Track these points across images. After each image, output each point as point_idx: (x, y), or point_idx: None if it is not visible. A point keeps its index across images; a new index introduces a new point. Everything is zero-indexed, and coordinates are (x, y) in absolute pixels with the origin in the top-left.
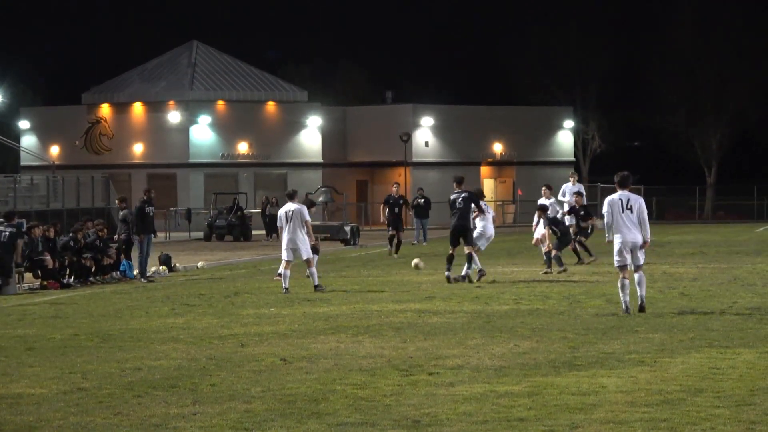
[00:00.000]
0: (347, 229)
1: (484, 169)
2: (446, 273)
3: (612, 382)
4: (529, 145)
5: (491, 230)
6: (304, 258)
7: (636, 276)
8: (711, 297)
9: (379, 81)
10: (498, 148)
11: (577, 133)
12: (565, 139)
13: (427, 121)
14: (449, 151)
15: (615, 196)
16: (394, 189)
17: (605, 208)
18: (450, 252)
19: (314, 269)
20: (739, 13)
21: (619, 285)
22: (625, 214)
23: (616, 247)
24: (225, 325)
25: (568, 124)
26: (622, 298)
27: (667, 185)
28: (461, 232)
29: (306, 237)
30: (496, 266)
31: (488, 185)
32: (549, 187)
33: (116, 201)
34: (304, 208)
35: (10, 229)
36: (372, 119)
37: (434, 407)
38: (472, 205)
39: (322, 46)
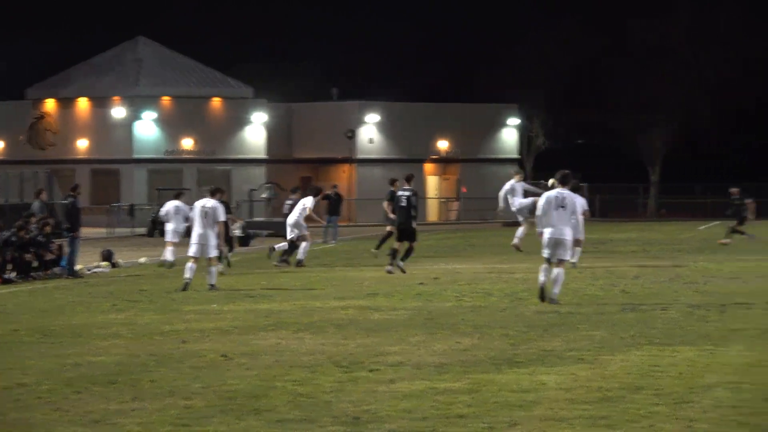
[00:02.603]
0: None
1: (429, 166)
2: (388, 268)
3: (552, 379)
4: (474, 143)
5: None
6: (210, 255)
7: (554, 271)
8: (652, 295)
9: (326, 78)
10: (443, 145)
11: (521, 131)
12: (509, 137)
13: (372, 118)
14: (394, 148)
15: (553, 192)
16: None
17: (540, 202)
18: (394, 247)
19: (215, 269)
20: (687, 12)
21: (540, 268)
22: (558, 211)
23: (544, 241)
24: (166, 322)
25: (513, 121)
26: (539, 279)
27: (611, 183)
28: (408, 229)
29: (215, 235)
30: (439, 263)
31: (432, 182)
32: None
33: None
34: (221, 207)
35: None
36: (317, 116)
37: (374, 404)
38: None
39: (269, 42)
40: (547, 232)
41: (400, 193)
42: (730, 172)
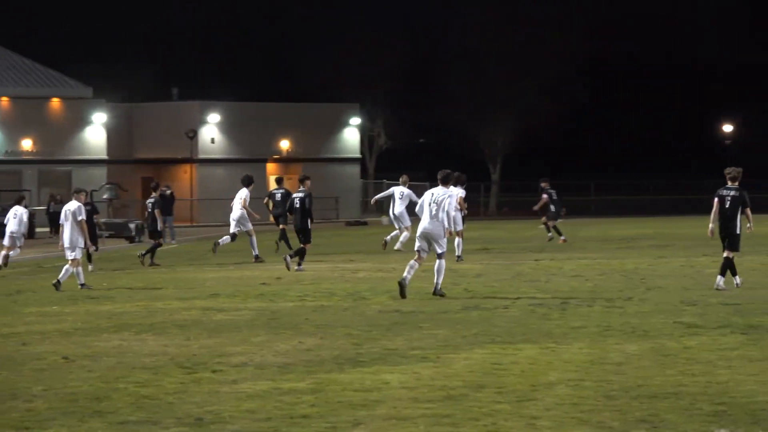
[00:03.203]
0: (132, 226)
1: (271, 166)
2: (297, 267)
3: (395, 378)
4: (316, 142)
5: None
6: (77, 257)
7: (436, 263)
8: (495, 293)
9: (167, 78)
10: (285, 145)
11: (363, 130)
12: (351, 136)
13: (213, 118)
14: (236, 147)
15: (432, 189)
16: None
17: (422, 198)
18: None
19: (80, 269)
20: (525, 11)
21: (409, 264)
22: (432, 206)
23: (417, 234)
24: (7, 324)
25: (355, 121)
26: (405, 272)
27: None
28: (301, 230)
29: (81, 236)
30: (282, 263)
31: (274, 182)
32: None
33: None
34: (82, 207)
35: None
36: (158, 116)
37: (218, 405)
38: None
39: (107, 43)
40: (419, 227)
41: (294, 195)
42: (571, 169)
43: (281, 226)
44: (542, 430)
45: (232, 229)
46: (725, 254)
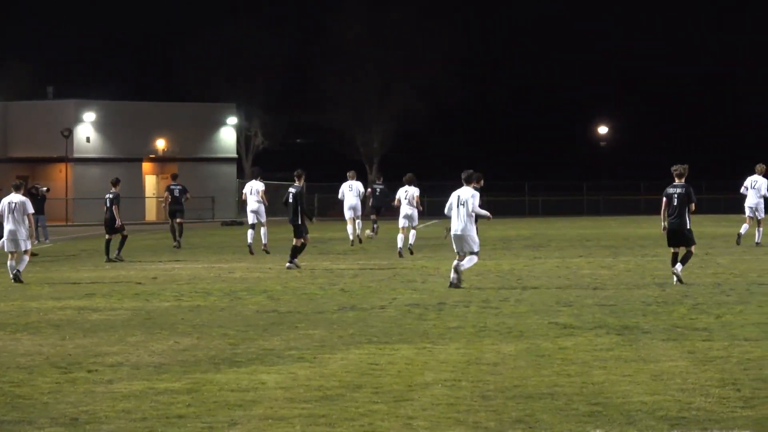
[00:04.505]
0: None
1: (147, 165)
2: (287, 264)
3: (272, 378)
4: (192, 142)
5: None
6: (22, 249)
7: (467, 256)
8: (371, 293)
9: (42, 76)
10: (161, 144)
11: (240, 130)
12: (228, 136)
13: (89, 117)
14: (112, 147)
15: (457, 191)
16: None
17: (449, 200)
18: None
19: (27, 257)
20: (403, 12)
21: (453, 265)
22: (459, 208)
23: (452, 236)
24: None
25: (232, 120)
26: (452, 274)
27: (329, 182)
28: (294, 226)
29: (26, 228)
30: (158, 263)
31: (150, 181)
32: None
33: None
34: (28, 201)
35: None
36: (33, 115)
37: (93, 405)
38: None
39: None
40: (452, 230)
41: (290, 189)
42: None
43: (178, 221)
44: (418, 430)
45: (251, 220)
46: (690, 249)
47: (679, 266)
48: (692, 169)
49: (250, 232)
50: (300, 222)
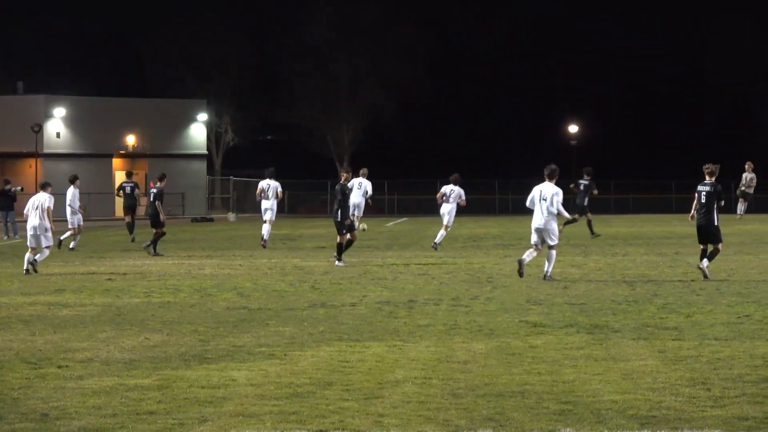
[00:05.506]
0: None
1: (117, 161)
2: (337, 263)
3: (242, 375)
4: (163, 138)
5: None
6: (47, 244)
7: (548, 253)
8: (342, 290)
9: (12, 71)
10: (131, 140)
11: (210, 126)
12: (198, 132)
13: (59, 112)
14: (82, 142)
15: (539, 186)
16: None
17: (531, 194)
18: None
19: (48, 251)
20: (374, 9)
21: (528, 251)
22: (542, 203)
23: (532, 229)
24: None
25: (202, 117)
26: (525, 255)
27: (300, 179)
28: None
29: (48, 225)
30: (128, 259)
31: (121, 177)
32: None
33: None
34: (52, 199)
35: None
36: (2, 109)
37: (63, 400)
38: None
39: None
40: (534, 223)
41: (336, 187)
42: (418, 168)
43: (128, 218)
44: (389, 427)
45: (266, 217)
46: (717, 247)
47: (705, 262)
48: (666, 168)
49: (265, 226)
50: (339, 219)
